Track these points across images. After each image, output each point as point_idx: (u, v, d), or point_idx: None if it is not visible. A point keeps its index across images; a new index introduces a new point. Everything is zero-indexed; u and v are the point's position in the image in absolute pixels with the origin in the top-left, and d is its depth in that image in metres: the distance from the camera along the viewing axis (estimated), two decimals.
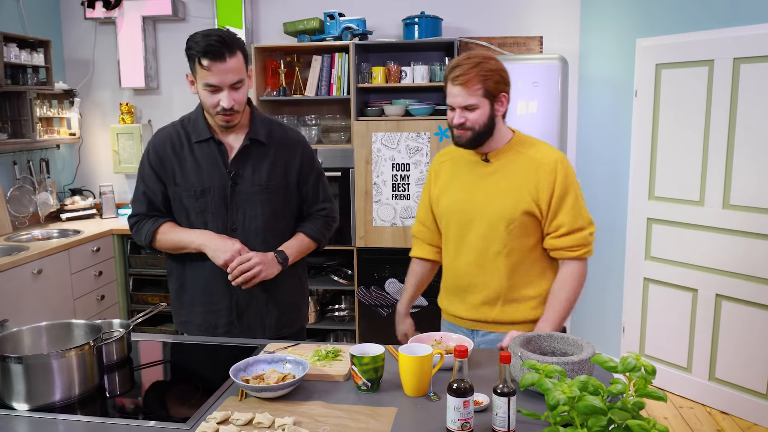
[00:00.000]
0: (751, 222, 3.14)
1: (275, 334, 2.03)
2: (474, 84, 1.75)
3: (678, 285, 3.52)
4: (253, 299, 1.98)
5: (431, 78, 3.81)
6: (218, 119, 1.83)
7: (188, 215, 1.94)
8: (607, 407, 0.84)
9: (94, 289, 3.84)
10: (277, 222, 1.98)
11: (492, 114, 1.80)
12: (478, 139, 1.82)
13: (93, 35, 4.48)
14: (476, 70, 1.75)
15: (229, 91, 1.77)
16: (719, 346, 3.36)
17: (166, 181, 1.94)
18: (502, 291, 1.87)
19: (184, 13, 4.37)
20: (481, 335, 1.93)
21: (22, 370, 1.47)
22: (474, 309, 1.92)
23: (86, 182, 4.64)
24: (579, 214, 1.82)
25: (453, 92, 1.78)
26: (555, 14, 4.02)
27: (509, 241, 1.84)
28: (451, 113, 1.82)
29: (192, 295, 2.02)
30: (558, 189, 1.80)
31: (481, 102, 1.77)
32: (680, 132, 3.42)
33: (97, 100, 4.57)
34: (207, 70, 1.73)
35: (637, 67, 3.61)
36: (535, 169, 1.82)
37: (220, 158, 1.90)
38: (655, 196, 3.59)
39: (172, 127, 1.96)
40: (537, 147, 1.87)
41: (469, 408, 1.33)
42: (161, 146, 1.93)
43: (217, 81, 1.75)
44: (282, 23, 4.17)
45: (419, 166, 3.74)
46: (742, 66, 3.10)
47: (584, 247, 1.83)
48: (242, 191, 1.91)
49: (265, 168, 1.94)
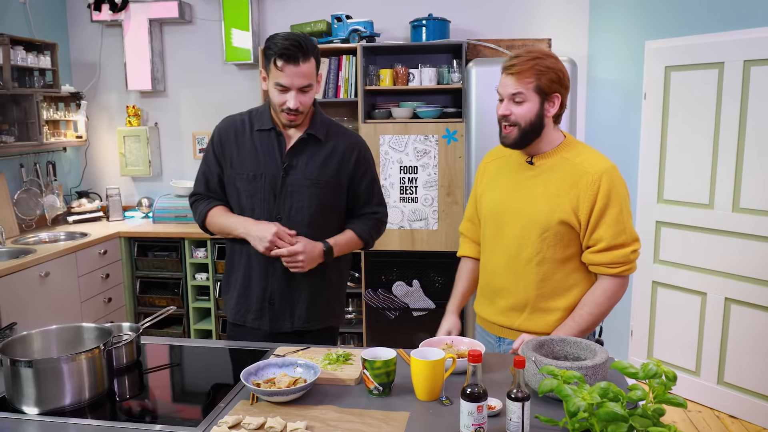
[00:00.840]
0: (761, 225, 3.12)
1: (303, 326, 2.04)
2: (526, 77, 1.70)
3: (687, 288, 3.50)
4: (287, 288, 2.01)
5: (439, 80, 3.80)
6: (282, 117, 1.91)
7: (239, 199, 2.01)
8: (628, 414, 0.83)
9: (101, 291, 3.84)
10: (322, 217, 2.01)
11: (541, 112, 1.73)
12: (525, 139, 1.76)
13: (99, 38, 4.49)
14: (532, 63, 1.70)
15: (297, 93, 1.85)
16: (728, 350, 3.33)
17: (223, 164, 2.03)
18: (530, 299, 1.82)
19: (191, 15, 4.37)
20: (507, 343, 1.89)
21: (32, 374, 1.46)
22: (502, 314, 1.88)
23: (93, 185, 4.64)
24: (622, 230, 1.72)
25: (504, 82, 1.74)
26: (563, 16, 4.01)
27: (542, 249, 1.78)
28: (499, 105, 1.77)
29: (234, 279, 2.09)
30: (600, 201, 1.71)
31: (530, 96, 1.72)
32: (689, 135, 3.40)
33: (104, 102, 4.57)
34: (280, 70, 1.82)
35: (646, 70, 3.60)
36: (578, 178, 1.74)
37: (277, 148, 1.97)
38: (664, 199, 3.57)
39: (238, 116, 2.06)
40: (585, 155, 1.78)
41: (483, 413, 1.31)
42: (225, 131, 2.03)
43: (288, 83, 1.83)
44: (289, 25, 4.17)
45: (427, 168, 3.73)
46: (753, 68, 3.08)
47: (625, 265, 1.74)
48: (292, 182, 1.97)
49: (318, 163, 1.99)
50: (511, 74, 1.72)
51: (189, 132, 4.54)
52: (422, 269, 3.86)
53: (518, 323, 1.85)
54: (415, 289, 3.88)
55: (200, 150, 4.53)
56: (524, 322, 1.84)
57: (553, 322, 1.81)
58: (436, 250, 3.81)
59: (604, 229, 1.72)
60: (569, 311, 1.81)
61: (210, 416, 1.45)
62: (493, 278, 1.90)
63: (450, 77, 3.79)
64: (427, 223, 3.79)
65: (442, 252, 3.80)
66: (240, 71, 4.40)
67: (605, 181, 1.72)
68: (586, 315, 1.77)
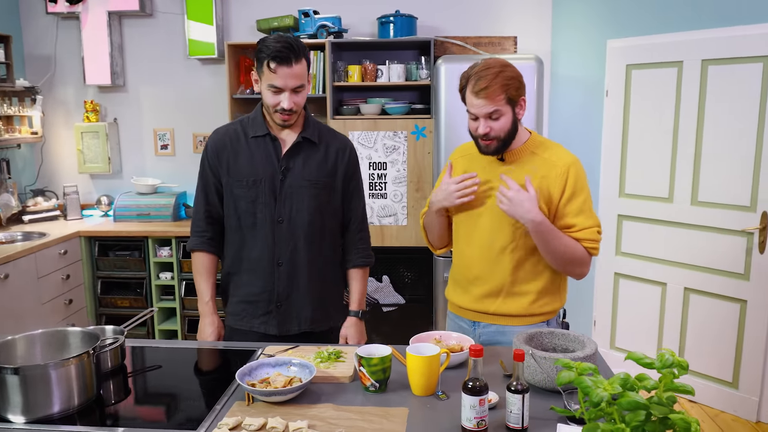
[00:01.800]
0: (718, 218, 3.26)
1: (310, 328, 2.06)
2: (497, 94, 1.76)
3: (648, 279, 3.63)
4: (293, 290, 2.03)
5: (407, 77, 3.82)
6: (276, 117, 1.94)
7: (236, 207, 2.02)
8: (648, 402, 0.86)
9: (62, 293, 3.72)
10: (321, 218, 2.04)
11: (515, 119, 1.84)
12: (505, 146, 1.86)
13: (55, 30, 4.33)
14: (498, 80, 1.76)
15: (290, 94, 1.89)
16: (687, 338, 3.48)
17: (220, 174, 2.03)
18: (505, 285, 1.91)
19: (152, 8, 4.26)
20: (482, 327, 1.97)
21: (19, 381, 1.41)
22: (477, 301, 1.95)
23: (49, 183, 4.48)
24: (589, 215, 1.85)
25: (476, 103, 1.79)
26: (527, 14, 4.08)
27: (515, 238, 1.87)
28: (474, 123, 1.84)
29: (233, 285, 2.10)
30: (568, 190, 1.84)
31: (504, 110, 1.79)
32: (650, 131, 3.53)
33: (60, 97, 4.41)
34: (273, 72, 1.85)
35: (607, 68, 3.70)
36: (547, 171, 1.86)
37: (273, 152, 2.00)
38: (626, 194, 3.69)
39: (231, 125, 2.09)
40: (552, 149, 1.91)
41: (484, 406, 1.34)
42: (219, 141, 2.05)
43: (281, 84, 1.86)
44: (254, 20, 4.12)
45: (396, 164, 3.75)
46: (710, 67, 3.21)
47: (591, 242, 1.84)
48: (291, 184, 1.99)
49: (314, 165, 2.02)
50: (483, 97, 1.77)
51: (150, 128, 4.42)
52: (392, 265, 3.88)
53: (494, 308, 1.94)
54: (385, 285, 3.90)
55: (162, 146, 4.43)
56: (500, 307, 1.93)
57: (527, 304, 1.92)
58: (405, 245, 3.84)
59: (573, 216, 1.85)
60: (540, 293, 1.92)
61: (207, 418, 1.44)
62: (468, 269, 1.97)
63: (418, 74, 3.82)
64: (397, 218, 3.81)
65: (412, 247, 3.83)
66: (203, 66, 4.31)
67: (572, 172, 1.85)
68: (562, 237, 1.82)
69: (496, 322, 1.94)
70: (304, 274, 2.03)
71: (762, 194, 3.08)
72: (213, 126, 4.29)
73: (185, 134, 4.40)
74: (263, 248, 2.00)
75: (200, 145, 4.39)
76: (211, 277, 2.09)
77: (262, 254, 2.01)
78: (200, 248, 2.08)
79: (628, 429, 0.89)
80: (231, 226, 2.05)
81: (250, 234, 2.01)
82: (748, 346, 3.21)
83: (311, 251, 2.03)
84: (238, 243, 2.04)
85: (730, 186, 3.21)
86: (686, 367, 0.92)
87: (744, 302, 3.20)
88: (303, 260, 2.02)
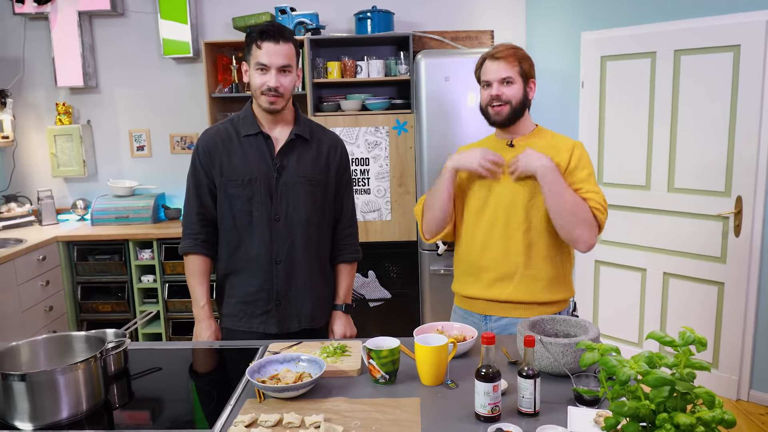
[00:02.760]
0: (694, 204, 3.36)
1: (310, 325, 2.06)
2: (511, 62, 1.91)
3: (628, 266, 3.73)
4: (291, 288, 2.03)
5: (387, 72, 3.83)
6: (263, 100, 1.92)
7: (231, 206, 2.00)
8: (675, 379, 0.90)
9: (42, 300, 3.64)
10: (317, 214, 2.04)
11: (525, 93, 1.95)
12: (515, 116, 1.94)
13: (22, 31, 4.22)
14: (513, 50, 1.93)
15: (277, 74, 1.89)
16: (667, 321, 3.58)
17: (213, 174, 2.01)
18: (519, 266, 1.93)
19: (123, 7, 4.19)
20: (493, 321, 1.98)
21: (26, 387, 1.39)
22: (488, 287, 1.96)
23: (22, 188, 4.37)
24: (594, 185, 1.91)
25: (492, 68, 1.92)
26: (502, 8, 4.13)
27: (528, 217, 1.92)
28: (486, 90, 1.94)
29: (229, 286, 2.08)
30: (573, 162, 1.92)
31: (516, 79, 1.92)
32: (626, 121, 3.61)
33: (30, 100, 4.31)
34: (260, 49, 1.88)
35: (582, 59, 3.78)
36: (554, 151, 1.94)
37: (266, 150, 1.99)
38: (604, 182, 3.77)
39: (221, 125, 2.07)
40: (557, 137, 2.02)
41: (497, 392, 1.37)
42: (211, 141, 2.02)
43: (268, 61, 1.88)
44: (229, 18, 4.08)
45: (378, 160, 3.76)
46: (683, 57, 3.30)
47: (599, 206, 1.87)
48: (286, 182, 1.98)
49: (308, 161, 2.02)
50: (499, 59, 1.90)
51: (125, 129, 4.35)
52: (377, 260, 3.89)
53: (506, 294, 1.94)
54: (371, 280, 3.92)
55: (138, 147, 4.36)
56: (513, 292, 1.94)
57: (539, 289, 1.94)
58: (390, 240, 3.85)
59: (579, 181, 1.90)
60: (555, 279, 1.95)
61: (221, 417, 1.43)
62: (479, 254, 1.98)
63: (397, 69, 3.83)
64: (381, 214, 3.83)
65: (396, 242, 3.85)
66: (178, 65, 4.25)
67: (577, 151, 1.95)
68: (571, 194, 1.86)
69: (508, 313, 1.95)
70: (302, 271, 2.03)
71: (736, 179, 3.19)
72: (190, 126, 4.31)
73: (161, 135, 4.34)
74: (260, 247, 2.00)
75: (177, 146, 4.34)
76: (205, 280, 2.07)
77: (260, 253, 2.00)
78: (194, 251, 2.05)
79: (653, 405, 0.92)
80: (226, 226, 2.03)
81: (246, 233, 2.00)
82: (726, 327, 3.32)
83: (308, 248, 2.03)
84: (234, 243, 2.02)
85: (705, 172, 3.30)
86: (705, 344, 0.96)
87: (722, 285, 3.31)
88: (301, 257, 2.02)
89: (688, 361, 0.99)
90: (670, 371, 0.99)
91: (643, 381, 0.93)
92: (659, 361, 0.96)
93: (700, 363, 1.00)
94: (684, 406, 0.95)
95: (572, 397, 1.46)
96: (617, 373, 0.94)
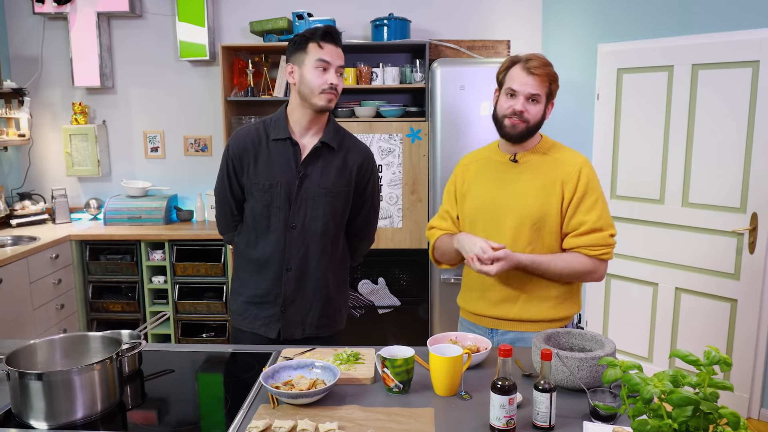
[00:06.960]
0: (708, 219, 3.34)
1: (314, 333, 2.05)
2: (544, 80, 1.84)
3: (639, 279, 3.70)
4: (300, 295, 2.03)
5: (402, 80, 3.84)
6: (322, 98, 1.93)
7: (253, 208, 2.02)
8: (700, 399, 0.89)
9: (53, 298, 3.66)
10: (334, 226, 2.04)
11: (544, 114, 1.89)
12: (528, 135, 1.89)
13: (41, 31, 4.26)
14: (548, 69, 1.85)
15: (336, 72, 1.94)
16: (678, 337, 3.55)
17: (240, 174, 2.04)
18: (526, 287, 1.90)
19: (141, 9, 4.22)
20: (500, 334, 1.96)
21: (42, 387, 1.39)
22: (494, 306, 1.94)
23: (36, 186, 4.40)
24: (601, 215, 1.85)
25: (524, 80, 1.82)
26: (519, 18, 4.13)
27: (534, 240, 1.87)
28: (510, 100, 1.86)
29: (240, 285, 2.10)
30: (580, 189, 1.86)
31: (542, 99, 1.86)
32: (641, 134, 3.60)
33: (47, 99, 4.34)
34: (322, 48, 1.92)
35: (598, 72, 3.77)
36: (560, 170, 1.88)
37: (293, 157, 2.00)
38: (617, 195, 3.76)
39: (253, 126, 2.08)
40: (563, 151, 1.95)
41: (513, 405, 1.36)
42: (241, 143, 2.04)
43: (330, 58, 1.93)
44: (247, 22, 4.11)
45: (392, 167, 3.76)
46: (700, 72, 3.29)
47: (604, 248, 1.85)
48: (307, 190, 1.99)
49: (331, 172, 2.01)
50: (535, 75, 1.82)
51: (140, 130, 4.38)
52: (387, 267, 3.89)
53: (513, 313, 1.92)
54: (381, 287, 3.91)
55: (152, 149, 4.39)
56: (519, 312, 1.91)
57: (546, 309, 1.91)
58: (400, 248, 3.85)
59: (584, 213, 1.85)
60: (561, 298, 1.91)
61: (235, 421, 1.43)
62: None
63: (412, 77, 3.84)
64: (392, 221, 3.83)
65: (407, 250, 3.85)
66: (194, 68, 4.28)
67: (584, 172, 1.88)
68: (557, 265, 1.85)
69: (515, 328, 1.93)
70: (311, 280, 2.03)
71: (752, 196, 3.17)
72: (204, 128, 4.33)
73: (176, 137, 4.36)
74: (273, 252, 2.00)
75: (191, 148, 4.36)
76: None
77: (272, 258, 2.01)
78: None
79: (675, 424, 0.92)
80: (247, 224, 2.06)
81: (262, 237, 2.01)
82: (738, 345, 3.29)
83: (321, 258, 2.03)
84: (249, 242, 2.05)
85: (720, 188, 3.28)
86: (730, 364, 0.95)
87: (735, 301, 3.28)
88: (312, 266, 2.02)
89: (711, 381, 0.98)
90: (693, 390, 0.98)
91: (666, 400, 0.93)
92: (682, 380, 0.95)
93: (723, 383, 0.99)
94: (706, 426, 0.94)
95: (587, 412, 1.45)
96: (641, 390, 0.93)
